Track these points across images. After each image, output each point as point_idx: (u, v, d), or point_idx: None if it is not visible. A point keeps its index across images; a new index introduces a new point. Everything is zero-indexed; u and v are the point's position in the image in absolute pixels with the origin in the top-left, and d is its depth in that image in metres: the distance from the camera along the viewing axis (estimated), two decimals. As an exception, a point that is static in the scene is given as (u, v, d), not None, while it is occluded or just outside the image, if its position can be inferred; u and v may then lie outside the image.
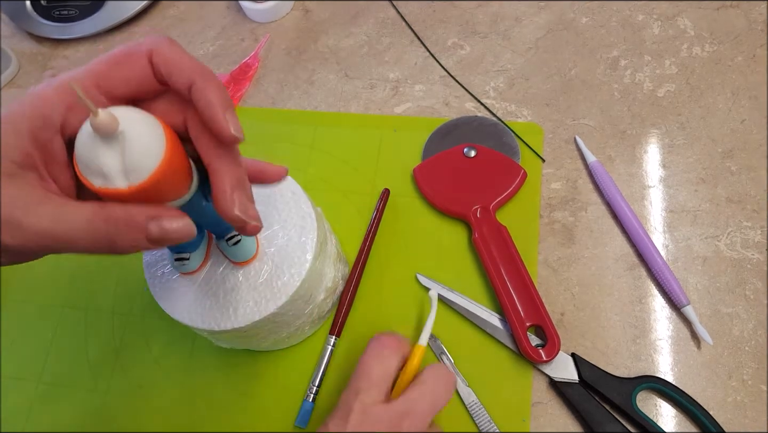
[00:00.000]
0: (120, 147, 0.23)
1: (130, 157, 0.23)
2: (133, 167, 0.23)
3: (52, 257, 0.50)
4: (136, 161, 0.23)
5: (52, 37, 0.61)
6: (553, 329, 0.40)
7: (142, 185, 0.23)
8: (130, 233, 0.24)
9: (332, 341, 0.43)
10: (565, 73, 0.52)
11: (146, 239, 0.24)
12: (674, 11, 0.53)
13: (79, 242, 0.24)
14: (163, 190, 0.25)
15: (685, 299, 0.41)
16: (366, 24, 0.57)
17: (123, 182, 0.23)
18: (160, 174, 0.24)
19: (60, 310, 0.48)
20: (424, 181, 0.47)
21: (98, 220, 0.24)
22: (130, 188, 0.23)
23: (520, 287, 0.42)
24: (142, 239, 0.24)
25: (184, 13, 0.62)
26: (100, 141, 0.23)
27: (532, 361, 0.40)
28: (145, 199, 0.25)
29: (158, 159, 0.24)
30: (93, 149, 0.23)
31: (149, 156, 0.23)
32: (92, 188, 0.24)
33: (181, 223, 0.25)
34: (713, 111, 0.48)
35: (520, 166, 0.46)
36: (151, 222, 0.24)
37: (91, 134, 0.23)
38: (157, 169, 0.24)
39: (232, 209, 0.25)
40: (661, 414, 0.39)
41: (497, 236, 0.44)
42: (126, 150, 0.23)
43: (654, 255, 0.42)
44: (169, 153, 0.24)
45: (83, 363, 0.45)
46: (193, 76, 0.25)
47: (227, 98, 0.25)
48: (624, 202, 0.45)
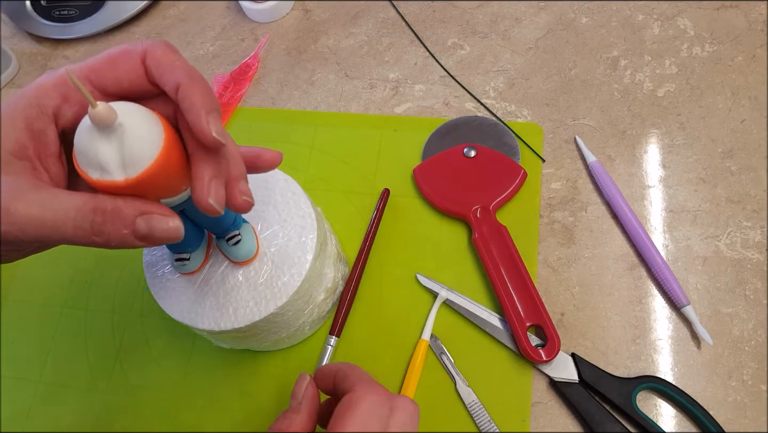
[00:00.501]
0: (118, 140, 0.23)
1: (128, 150, 0.23)
2: (131, 160, 0.23)
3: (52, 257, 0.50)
4: (133, 154, 0.23)
5: (52, 37, 0.61)
6: (553, 329, 0.40)
7: (138, 178, 0.23)
8: (117, 227, 0.24)
9: (332, 341, 0.43)
10: (565, 73, 0.52)
11: (133, 234, 0.24)
12: (674, 11, 0.53)
13: (65, 231, 0.23)
14: (160, 185, 0.25)
15: (685, 299, 0.41)
16: (366, 24, 0.57)
17: (120, 175, 0.24)
18: (157, 167, 0.24)
19: (60, 310, 0.48)
20: (424, 181, 0.47)
21: (87, 209, 0.24)
22: (126, 181, 0.23)
23: (520, 287, 0.42)
24: (128, 234, 0.24)
25: (184, 13, 0.62)
26: (98, 133, 0.23)
27: (532, 361, 0.40)
28: (141, 193, 0.25)
29: (156, 152, 0.24)
30: (91, 142, 0.23)
31: (146, 149, 0.23)
32: (90, 181, 0.24)
33: (171, 224, 0.25)
34: (713, 111, 0.48)
35: (520, 166, 0.46)
36: (140, 218, 0.24)
37: (89, 127, 0.23)
38: (154, 163, 0.24)
39: (206, 198, 0.25)
40: (661, 414, 0.39)
41: (497, 236, 0.44)
42: (124, 142, 0.23)
43: (654, 255, 0.42)
44: (167, 147, 0.24)
45: (83, 363, 0.45)
46: (180, 78, 0.25)
47: (212, 101, 0.25)
48: (624, 202, 0.45)
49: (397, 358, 0.42)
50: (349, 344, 0.43)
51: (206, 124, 0.24)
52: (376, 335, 0.43)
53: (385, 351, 0.43)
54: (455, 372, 0.41)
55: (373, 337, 0.43)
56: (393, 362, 0.42)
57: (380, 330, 0.43)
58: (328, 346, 0.43)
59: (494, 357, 0.42)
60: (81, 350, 0.46)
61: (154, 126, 0.24)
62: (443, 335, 0.42)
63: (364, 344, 0.43)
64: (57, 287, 0.48)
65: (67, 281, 0.49)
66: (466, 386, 0.41)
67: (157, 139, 0.24)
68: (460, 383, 0.41)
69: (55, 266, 0.49)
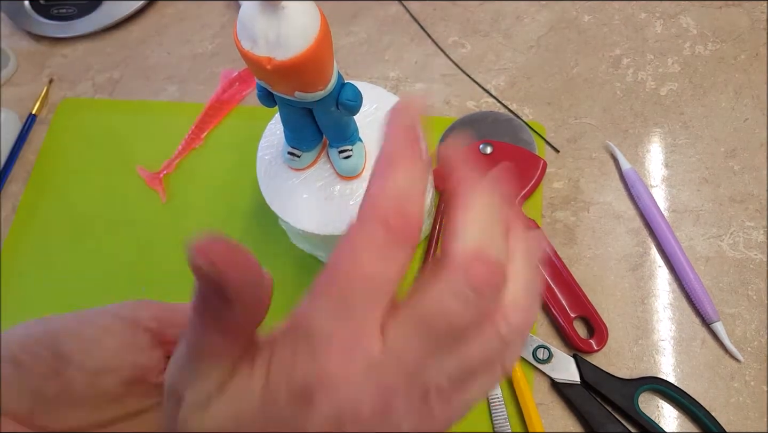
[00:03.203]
0: (277, 21, 0.25)
1: (283, 34, 0.25)
2: (282, 44, 0.26)
3: (49, 258, 0.49)
4: (286, 39, 0.25)
5: (50, 35, 0.60)
6: (599, 317, 0.41)
7: (282, 62, 0.26)
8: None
9: None
10: (567, 71, 0.51)
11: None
12: (676, 10, 0.53)
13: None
14: (300, 77, 0.28)
15: (715, 316, 0.40)
16: (366, 22, 0.57)
17: (270, 53, 0.26)
18: (303, 59, 0.26)
19: (59, 309, 0.47)
20: (445, 183, 0.46)
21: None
22: (271, 61, 0.26)
23: (560, 280, 0.42)
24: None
25: (183, 11, 0.61)
26: (262, 9, 0.25)
27: (582, 352, 0.40)
28: (282, 77, 0.27)
29: (306, 45, 0.26)
30: (254, 14, 0.26)
31: (299, 39, 0.26)
32: (241, 50, 0.26)
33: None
34: (716, 110, 0.48)
35: (538, 156, 0.46)
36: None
37: (257, 4, 0.25)
38: (301, 54, 0.26)
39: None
40: (663, 415, 0.39)
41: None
42: (281, 26, 0.25)
43: (687, 271, 0.42)
44: (317, 44, 0.26)
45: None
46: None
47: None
48: (659, 213, 0.43)
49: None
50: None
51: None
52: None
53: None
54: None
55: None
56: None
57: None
58: None
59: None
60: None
61: (313, 23, 0.26)
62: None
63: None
64: (57, 288, 0.48)
65: (66, 282, 0.48)
66: None
67: (311, 34, 0.26)
68: None
69: (54, 266, 0.49)
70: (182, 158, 0.52)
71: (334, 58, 0.29)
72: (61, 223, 0.51)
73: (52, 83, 0.58)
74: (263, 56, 0.26)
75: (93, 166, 0.53)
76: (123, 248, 0.49)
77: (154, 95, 0.56)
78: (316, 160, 0.38)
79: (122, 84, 0.57)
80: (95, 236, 0.50)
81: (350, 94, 0.31)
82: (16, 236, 0.51)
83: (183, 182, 0.51)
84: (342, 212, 0.37)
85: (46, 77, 0.59)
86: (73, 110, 0.56)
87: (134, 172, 0.51)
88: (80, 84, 0.58)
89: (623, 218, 0.45)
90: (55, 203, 0.52)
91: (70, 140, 0.54)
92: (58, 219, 0.51)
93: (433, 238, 0.44)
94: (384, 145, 0.21)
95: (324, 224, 0.37)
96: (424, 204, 0.21)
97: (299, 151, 0.37)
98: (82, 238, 0.50)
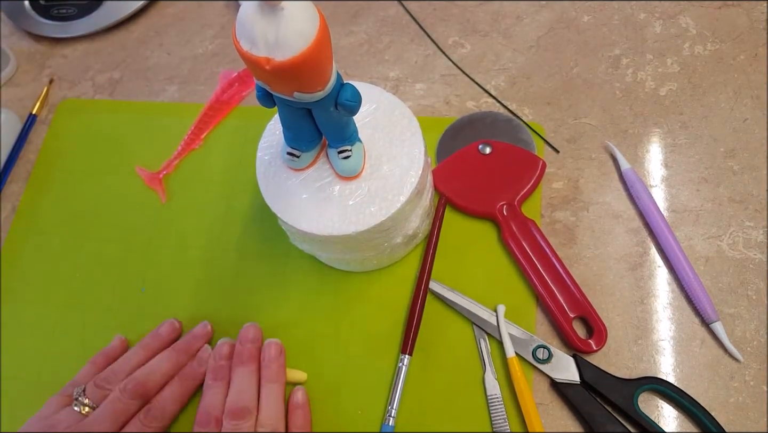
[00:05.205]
0: (276, 22, 0.25)
1: (282, 36, 0.25)
2: (280, 45, 0.26)
3: (49, 258, 0.50)
4: (285, 41, 0.26)
5: (50, 35, 0.60)
6: (598, 317, 0.41)
7: (281, 63, 0.26)
8: None
9: (405, 360, 0.41)
10: (567, 71, 0.51)
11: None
12: (676, 10, 0.53)
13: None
14: (298, 78, 0.28)
15: (714, 315, 0.40)
16: (366, 22, 0.57)
17: (269, 54, 0.26)
18: (301, 61, 0.26)
19: (60, 310, 0.47)
20: (445, 184, 0.46)
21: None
22: (269, 61, 0.26)
23: (559, 281, 0.42)
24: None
25: (183, 11, 0.61)
26: (261, 10, 0.26)
27: (581, 352, 0.40)
28: (281, 78, 0.27)
29: (304, 47, 0.26)
30: (253, 16, 0.26)
31: (297, 41, 0.26)
32: (240, 51, 0.27)
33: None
34: (715, 110, 0.48)
35: (538, 156, 0.46)
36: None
37: (257, 3, 0.26)
38: (299, 55, 0.26)
39: None
40: (663, 415, 0.39)
41: (527, 231, 0.44)
42: (280, 28, 0.25)
43: (687, 270, 0.41)
44: (315, 46, 0.26)
45: (83, 363, 0.45)
46: None
47: None
48: (659, 213, 0.43)
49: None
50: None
51: None
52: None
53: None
54: (488, 361, 0.41)
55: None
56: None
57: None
58: (402, 366, 0.41)
59: (495, 358, 0.41)
60: (80, 350, 0.46)
61: (312, 24, 0.26)
62: (443, 334, 0.42)
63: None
64: (57, 287, 0.48)
65: (66, 281, 0.48)
66: (494, 379, 0.40)
67: (310, 35, 0.26)
68: (489, 374, 0.40)
69: (54, 266, 0.49)
70: (182, 159, 0.52)
71: (333, 59, 0.29)
72: (61, 223, 0.51)
73: (52, 83, 0.58)
74: (262, 57, 0.26)
75: (93, 166, 0.53)
76: (123, 248, 0.49)
77: (154, 96, 0.56)
78: (316, 160, 0.38)
79: (122, 84, 0.57)
80: (95, 236, 0.50)
81: (349, 95, 0.31)
82: (16, 236, 0.51)
83: (182, 183, 0.51)
84: (341, 213, 0.37)
85: (46, 77, 0.59)
86: (73, 110, 0.56)
87: (134, 172, 0.52)
88: (80, 84, 0.58)
89: (623, 218, 0.45)
90: (55, 203, 0.52)
91: (70, 140, 0.55)
92: (58, 219, 0.51)
93: (433, 238, 0.44)
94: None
95: (323, 225, 0.37)
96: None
97: (298, 152, 0.37)
98: (82, 238, 0.50)
